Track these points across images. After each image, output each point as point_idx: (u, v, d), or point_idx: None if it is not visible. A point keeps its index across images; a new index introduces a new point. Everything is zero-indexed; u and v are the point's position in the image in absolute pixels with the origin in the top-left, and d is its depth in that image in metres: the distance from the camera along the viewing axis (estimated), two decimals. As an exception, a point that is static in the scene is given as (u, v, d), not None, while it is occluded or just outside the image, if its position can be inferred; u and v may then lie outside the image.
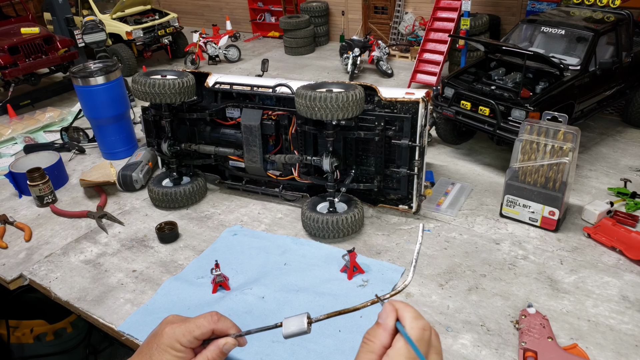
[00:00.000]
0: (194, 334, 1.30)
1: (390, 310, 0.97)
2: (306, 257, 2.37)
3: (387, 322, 0.96)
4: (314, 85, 2.43)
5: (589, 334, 1.85)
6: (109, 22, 6.39)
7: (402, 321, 0.94)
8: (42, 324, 3.22)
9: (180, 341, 1.28)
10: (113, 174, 3.06)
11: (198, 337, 1.31)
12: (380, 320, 0.97)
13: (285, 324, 1.22)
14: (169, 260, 2.44)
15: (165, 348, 1.28)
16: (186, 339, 1.29)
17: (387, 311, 0.97)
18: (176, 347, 1.29)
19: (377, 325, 0.97)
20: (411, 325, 0.93)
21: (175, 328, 1.31)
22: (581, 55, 3.17)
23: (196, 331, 1.30)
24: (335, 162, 2.48)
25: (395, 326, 0.93)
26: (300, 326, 1.18)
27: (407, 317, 0.95)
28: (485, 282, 2.15)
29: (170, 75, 2.75)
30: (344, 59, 5.69)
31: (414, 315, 0.95)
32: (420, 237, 1.07)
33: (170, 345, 1.29)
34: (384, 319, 0.97)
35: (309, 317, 1.22)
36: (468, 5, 4.72)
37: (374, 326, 0.97)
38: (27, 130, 4.25)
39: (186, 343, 1.30)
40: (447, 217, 2.65)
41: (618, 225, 2.38)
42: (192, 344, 1.30)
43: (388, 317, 0.96)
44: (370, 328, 0.98)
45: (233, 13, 8.47)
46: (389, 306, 0.97)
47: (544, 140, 2.37)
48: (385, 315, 0.97)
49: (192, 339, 1.30)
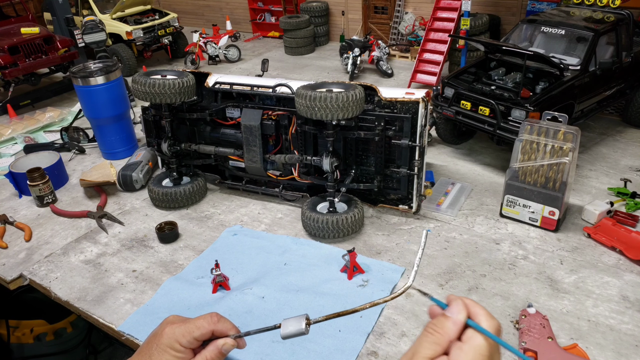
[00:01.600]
0: (193, 334, 1.31)
1: (462, 306, 0.96)
2: (306, 257, 2.37)
3: (459, 316, 0.94)
4: (314, 85, 2.43)
5: (589, 334, 1.85)
6: (109, 22, 6.39)
7: (474, 318, 0.93)
8: (42, 324, 3.22)
9: (180, 342, 1.29)
10: (113, 174, 3.06)
11: (198, 337, 1.31)
12: (449, 314, 0.96)
13: (283, 325, 1.23)
14: (169, 260, 2.44)
15: (164, 348, 1.28)
16: (186, 340, 1.30)
17: (459, 306, 0.96)
18: (176, 347, 1.29)
19: (444, 317, 0.95)
20: (487, 324, 0.92)
21: (175, 328, 1.32)
22: (581, 55, 3.17)
23: (196, 332, 1.31)
24: (335, 162, 2.48)
25: (465, 322, 0.92)
26: (299, 327, 1.18)
27: (481, 314, 0.94)
28: (485, 282, 2.15)
29: (170, 75, 2.75)
30: (344, 59, 5.70)
31: (487, 314, 0.94)
32: (423, 242, 1.06)
33: (170, 345, 1.29)
34: (455, 313, 0.95)
35: (307, 318, 1.22)
36: (468, 5, 4.72)
37: (441, 318, 0.95)
38: (27, 130, 4.25)
39: (186, 344, 1.30)
40: (447, 217, 2.65)
41: (618, 225, 2.38)
42: (192, 344, 1.31)
43: (460, 312, 0.95)
44: (434, 319, 0.96)
45: (233, 13, 8.47)
46: (460, 302, 0.96)
47: (544, 140, 2.37)
48: (457, 310, 0.95)
49: (192, 339, 1.31)
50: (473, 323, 0.89)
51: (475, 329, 0.88)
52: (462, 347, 0.90)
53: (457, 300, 0.98)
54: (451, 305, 0.96)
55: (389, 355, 1.79)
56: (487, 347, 0.89)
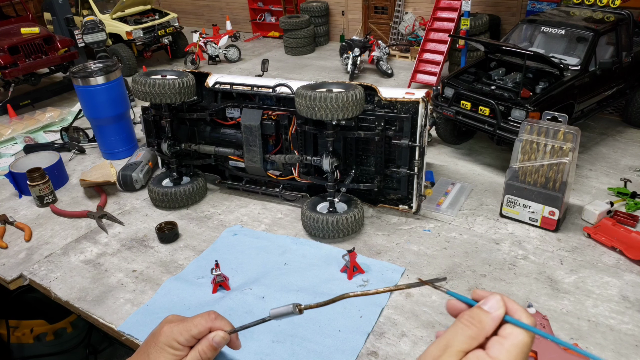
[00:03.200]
0: (191, 332, 1.32)
1: (501, 302, 0.93)
2: (306, 257, 2.37)
3: (498, 312, 0.91)
4: (314, 85, 2.43)
5: (589, 334, 1.85)
6: (109, 22, 6.39)
7: (513, 315, 0.91)
8: (42, 324, 3.22)
9: (178, 340, 1.30)
10: (113, 174, 3.06)
11: (195, 335, 1.33)
12: (487, 308, 0.93)
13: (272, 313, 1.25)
14: (169, 260, 2.44)
15: (162, 347, 1.30)
16: (184, 338, 1.31)
17: (498, 302, 0.93)
18: (174, 345, 1.31)
19: (484, 312, 0.93)
20: (528, 321, 0.90)
21: (174, 327, 1.33)
22: (581, 55, 3.17)
23: (193, 329, 1.32)
24: (335, 162, 2.48)
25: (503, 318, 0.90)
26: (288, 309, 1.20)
27: (519, 310, 0.93)
28: (485, 282, 2.15)
29: (170, 75, 2.75)
30: (344, 59, 5.70)
31: (525, 311, 0.93)
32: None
33: (168, 343, 1.31)
34: (494, 308, 0.92)
35: (298, 305, 1.24)
36: (468, 5, 4.72)
37: (479, 312, 0.93)
38: (27, 130, 4.25)
39: (184, 342, 1.32)
40: (447, 217, 2.65)
41: (618, 225, 2.38)
42: (190, 342, 1.32)
43: (499, 308, 0.92)
44: (471, 311, 0.94)
45: (233, 13, 8.47)
46: (499, 297, 0.94)
47: (544, 140, 2.37)
48: (496, 305, 0.93)
49: (190, 337, 1.32)
50: (514, 320, 0.88)
51: (518, 325, 0.87)
52: (503, 344, 0.88)
53: (495, 295, 0.96)
54: (489, 300, 0.94)
55: (389, 355, 1.79)
56: (529, 344, 0.88)
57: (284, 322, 1.92)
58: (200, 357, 1.31)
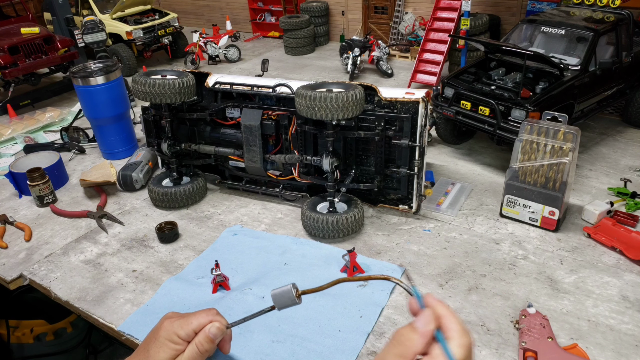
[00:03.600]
0: (191, 325, 1.34)
1: (431, 317, 0.86)
2: (306, 257, 2.37)
3: (426, 329, 0.85)
4: (314, 85, 2.43)
5: (589, 334, 1.85)
6: (109, 22, 6.39)
7: (446, 333, 0.84)
8: (42, 324, 3.22)
9: (178, 333, 1.32)
10: (113, 174, 3.06)
11: (195, 328, 1.34)
12: (417, 325, 0.87)
13: (276, 303, 1.29)
14: (169, 260, 2.44)
15: (163, 341, 1.31)
16: (184, 331, 1.33)
17: (428, 317, 0.87)
18: (174, 339, 1.32)
19: (410, 329, 0.87)
20: (459, 342, 0.83)
21: (174, 322, 1.35)
22: (581, 55, 3.17)
23: (194, 322, 1.34)
24: (335, 162, 2.48)
25: (433, 334, 0.83)
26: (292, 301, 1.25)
27: (453, 329, 0.85)
28: (485, 282, 2.15)
29: (170, 75, 2.75)
30: (344, 59, 5.70)
31: (461, 330, 0.84)
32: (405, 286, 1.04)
33: (169, 337, 1.32)
34: (423, 324, 0.86)
35: (295, 287, 1.27)
36: (468, 5, 4.73)
37: (409, 329, 0.87)
38: (27, 130, 4.25)
39: (184, 335, 1.33)
40: (447, 217, 2.65)
41: (618, 225, 2.38)
42: (189, 337, 1.34)
43: (428, 324, 0.86)
44: (403, 328, 0.88)
45: (233, 13, 8.47)
46: (430, 312, 0.87)
47: (544, 140, 2.37)
48: (425, 321, 0.87)
49: (190, 331, 1.34)
50: (441, 340, 0.81)
51: (443, 349, 0.80)
52: None
53: (429, 310, 0.88)
54: (421, 315, 0.88)
55: (389, 355, 1.79)
56: None
57: (284, 322, 1.92)
58: (198, 350, 1.32)
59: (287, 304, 1.27)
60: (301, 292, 1.27)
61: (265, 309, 1.31)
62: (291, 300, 1.24)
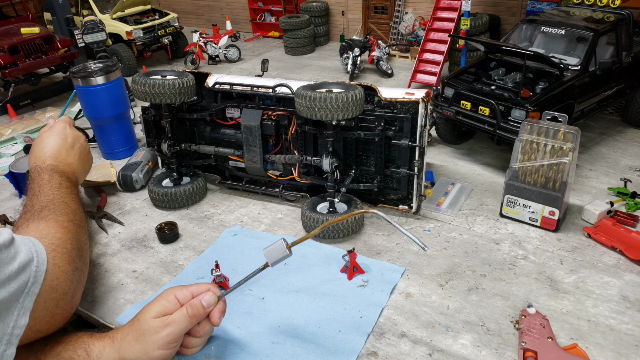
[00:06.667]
0: (190, 289, 1.44)
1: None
2: (306, 257, 2.37)
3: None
4: (313, 86, 2.43)
5: (589, 334, 1.85)
6: (109, 22, 6.39)
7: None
8: (42, 324, 3.21)
9: (176, 294, 1.42)
10: (113, 174, 3.06)
11: (194, 292, 1.45)
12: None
13: (268, 258, 1.41)
14: (169, 260, 2.44)
15: (156, 300, 1.48)
16: (182, 294, 1.44)
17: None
18: (169, 298, 1.41)
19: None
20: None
21: (175, 287, 1.48)
22: (581, 55, 3.17)
23: (193, 287, 1.44)
24: (335, 163, 2.48)
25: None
26: (283, 253, 1.37)
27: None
28: (485, 282, 2.15)
29: (170, 75, 2.75)
30: (344, 59, 5.70)
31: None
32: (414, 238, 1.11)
33: (164, 297, 1.42)
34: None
35: (285, 241, 1.36)
36: (468, 5, 4.73)
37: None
38: (27, 130, 4.25)
39: (181, 297, 1.43)
40: (447, 217, 2.65)
41: (618, 225, 2.38)
42: (186, 299, 1.42)
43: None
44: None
45: (233, 13, 8.47)
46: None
47: (544, 140, 2.37)
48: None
49: (188, 293, 1.45)
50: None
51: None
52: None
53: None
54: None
55: (389, 355, 1.79)
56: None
57: (284, 323, 1.92)
58: (187, 313, 1.37)
59: (279, 258, 1.36)
60: (291, 244, 1.36)
61: (258, 269, 1.41)
62: (282, 252, 1.34)
